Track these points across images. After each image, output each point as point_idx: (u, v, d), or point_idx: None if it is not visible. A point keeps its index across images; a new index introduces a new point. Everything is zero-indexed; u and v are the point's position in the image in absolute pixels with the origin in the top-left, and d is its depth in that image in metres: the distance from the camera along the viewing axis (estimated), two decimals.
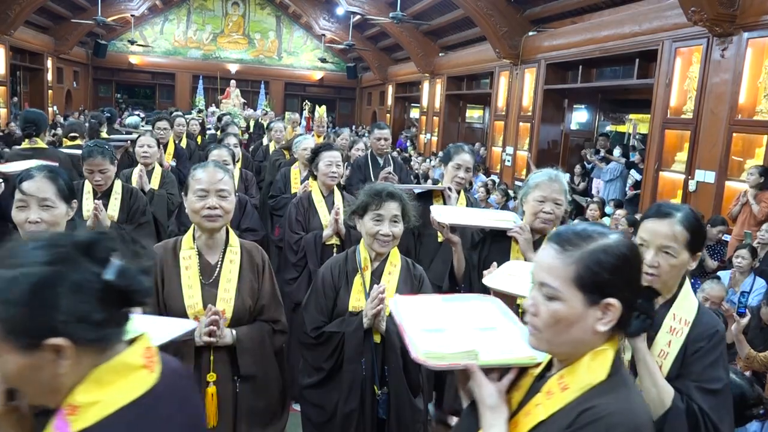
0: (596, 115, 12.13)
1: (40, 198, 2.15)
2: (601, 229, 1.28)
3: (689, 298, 1.83)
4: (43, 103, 16.93)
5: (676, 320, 1.78)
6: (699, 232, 1.82)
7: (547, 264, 1.26)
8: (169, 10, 22.50)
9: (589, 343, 1.23)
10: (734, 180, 6.70)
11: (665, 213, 1.82)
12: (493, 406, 1.28)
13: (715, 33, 6.72)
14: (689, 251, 1.79)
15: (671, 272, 1.79)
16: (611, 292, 1.21)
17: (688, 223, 1.79)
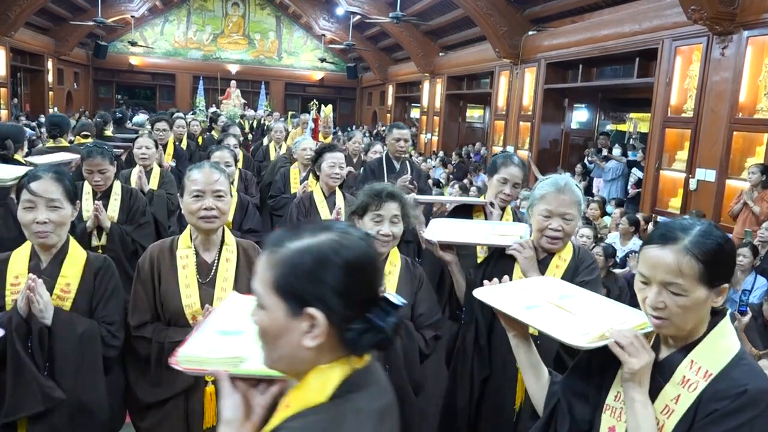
0: (596, 114, 12.13)
1: (48, 198, 2.14)
2: (317, 227, 1.11)
3: (719, 345, 1.40)
4: (43, 104, 16.95)
5: (693, 370, 1.37)
6: (717, 259, 1.36)
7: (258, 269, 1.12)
8: (169, 11, 22.52)
9: (306, 360, 1.08)
10: (735, 178, 6.69)
11: (669, 237, 1.39)
12: (229, 420, 1.18)
13: (715, 31, 6.72)
14: (705, 285, 1.36)
15: (685, 315, 1.37)
16: (310, 300, 1.04)
17: (699, 249, 1.35)
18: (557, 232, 2.33)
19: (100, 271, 2.26)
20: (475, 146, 14.41)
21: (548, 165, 10.98)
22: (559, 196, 2.32)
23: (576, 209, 2.34)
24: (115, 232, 3.46)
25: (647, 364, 1.38)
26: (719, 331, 1.41)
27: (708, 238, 1.37)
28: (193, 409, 2.22)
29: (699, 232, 1.38)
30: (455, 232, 2.64)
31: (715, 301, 1.38)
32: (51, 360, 2.08)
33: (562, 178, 2.39)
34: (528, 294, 1.81)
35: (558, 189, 2.31)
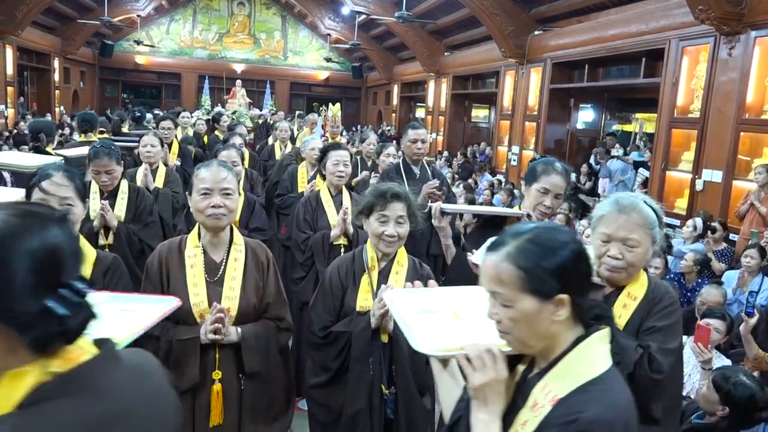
0: (602, 114, 12.10)
1: (60, 197, 2.15)
2: None
3: (575, 367, 1.25)
4: (50, 103, 17.02)
5: (544, 393, 1.26)
6: (542, 266, 1.23)
7: None
8: (175, 10, 22.56)
9: None
10: (742, 179, 6.66)
11: (498, 243, 1.29)
12: None
13: (723, 32, 6.69)
14: (533, 296, 1.23)
15: (519, 328, 1.26)
16: None
17: (521, 255, 1.24)
18: (617, 261, 1.91)
19: (109, 270, 2.27)
20: (480, 146, 14.39)
21: None
22: (619, 217, 1.93)
23: (642, 233, 1.91)
24: (121, 231, 3.47)
25: (491, 382, 1.27)
26: (579, 351, 1.25)
27: (534, 243, 1.25)
28: (199, 407, 2.23)
29: (527, 237, 1.26)
30: None
31: (556, 315, 1.23)
32: None
33: (626, 196, 2.00)
34: (439, 300, 1.70)
35: (619, 209, 1.92)
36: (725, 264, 5.67)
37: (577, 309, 1.26)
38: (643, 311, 1.93)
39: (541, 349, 1.28)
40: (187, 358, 2.20)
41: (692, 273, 5.28)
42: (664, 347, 1.86)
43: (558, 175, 2.66)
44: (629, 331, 1.91)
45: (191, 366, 2.19)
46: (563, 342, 1.27)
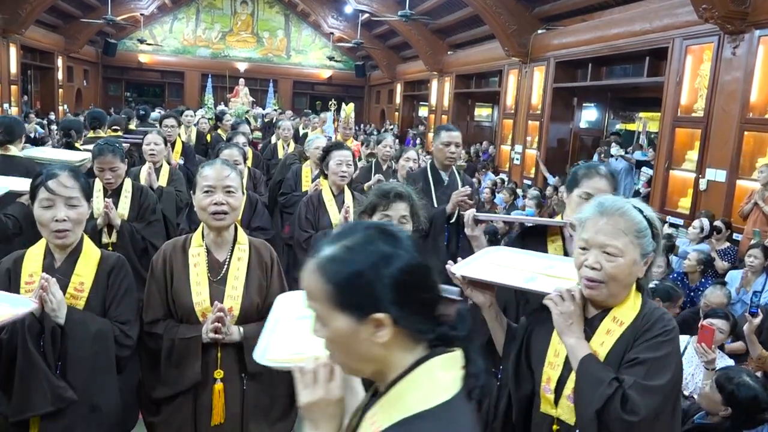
0: (606, 113, 12.07)
1: (66, 197, 2.14)
2: None
3: (405, 397, 1.05)
4: (53, 101, 17.05)
5: (369, 423, 1.08)
6: (354, 279, 1.03)
7: None
8: (179, 8, 22.58)
9: None
10: (745, 179, 6.64)
11: (316, 249, 1.12)
12: None
13: (727, 30, 6.67)
14: (346, 314, 1.04)
15: (338, 352, 1.10)
16: None
17: (335, 265, 1.05)
18: (593, 271, 1.64)
19: (113, 269, 2.27)
20: (483, 145, 14.38)
21: (557, 164, 10.96)
22: (599, 221, 1.66)
23: (625, 241, 1.62)
24: (125, 229, 3.47)
25: (319, 402, 1.13)
26: (412, 378, 1.05)
27: (351, 251, 1.04)
28: (201, 407, 2.24)
29: (345, 244, 1.06)
30: (493, 266, 1.96)
31: (376, 336, 1.04)
32: (63, 359, 2.08)
33: (613, 198, 1.73)
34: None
35: (601, 211, 1.66)
36: (728, 263, 5.66)
37: (408, 329, 1.06)
38: (628, 339, 1.64)
39: (374, 372, 1.10)
40: (189, 357, 2.20)
41: (695, 273, 5.27)
42: (644, 384, 1.56)
43: (602, 179, 2.39)
44: (611, 362, 1.62)
45: (193, 365, 2.20)
46: (396, 366, 1.07)
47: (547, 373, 1.75)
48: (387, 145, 5.62)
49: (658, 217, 1.72)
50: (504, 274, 1.88)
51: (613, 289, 1.65)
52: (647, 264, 1.69)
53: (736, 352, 3.95)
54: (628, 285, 1.68)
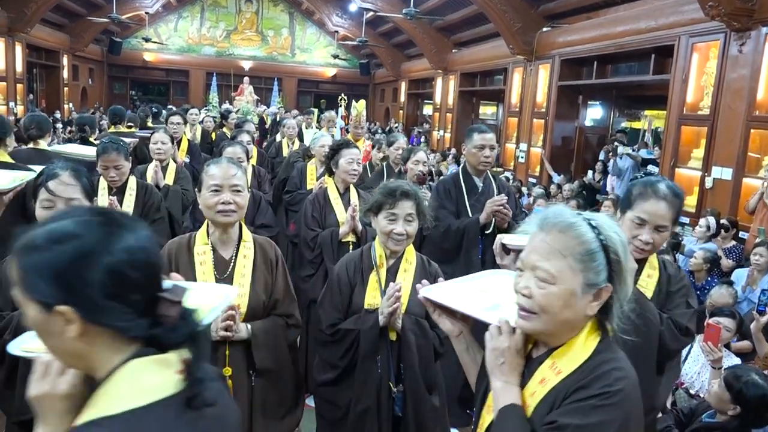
0: (611, 111, 12.03)
1: (66, 198, 2.13)
2: None
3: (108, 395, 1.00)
4: (59, 100, 17.11)
5: None
6: (33, 265, 1.00)
7: None
8: (183, 7, 22.60)
9: None
10: (752, 177, 6.61)
11: None
12: None
13: (733, 28, 6.63)
14: (34, 303, 1.00)
15: (48, 344, 1.06)
16: None
17: (26, 250, 1.02)
18: (524, 299, 1.36)
19: None
20: None
21: (562, 162, 10.94)
22: (536, 237, 1.41)
23: (562, 265, 1.31)
24: None
25: (44, 395, 1.06)
26: (114, 379, 1.00)
27: (44, 237, 0.99)
28: None
29: (49, 228, 1.01)
30: (468, 291, 1.69)
31: (66, 330, 0.98)
32: None
33: (561, 210, 1.45)
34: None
35: (541, 225, 1.38)
36: (734, 261, 5.64)
37: (106, 327, 0.99)
38: (558, 395, 1.30)
39: (86, 369, 1.03)
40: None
41: (702, 271, 5.25)
42: None
43: (660, 201, 2.03)
44: (536, 420, 1.30)
45: None
46: (102, 364, 1.01)
47: (483, 418, 1.46)
48: (400, 148, 5.14)
49: (625, 241, 1.35)
50: (468, 300, 1.60)
51: (547, 323, 1.31)
52: (598, 298, 1.31)
53: (742, 351, 3.93)
54: (569, 322, 1.32)
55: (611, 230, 1.33)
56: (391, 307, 2.33)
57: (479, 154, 3.70)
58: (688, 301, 2.23)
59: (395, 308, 2.34)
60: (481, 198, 3.68)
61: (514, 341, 1.36)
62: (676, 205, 2.05)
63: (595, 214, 1.40)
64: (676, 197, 2.06)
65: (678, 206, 2.06)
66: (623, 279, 1.32)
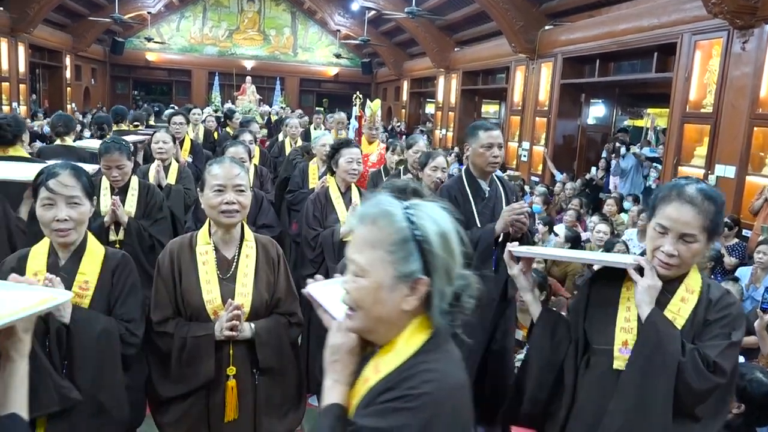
0: (614, 109, 12.02)
1: (67, 196, 2.13)
2: None
3: None
4: (61, 100, 17.13)
5: None
6: None
7: None
8: (185, 7, 22.63)
9: None
10: (755, 175, 6.60)
11: None
12: None
13: (736, 25, 6.61)
14: None
15: None
16: None
17: None
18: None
19: (118, 267, 2.25)
20: None
21: (564, 161, 10.92)
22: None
23: (372, 257, 1.23)
24: (132, 227, 3.47)
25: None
26: None
27: None
28: (214, 404, 2.24)
29: None
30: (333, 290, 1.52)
31: None
32: (69, 359, 2.07)
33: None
34: None
35: (358, 218, 1.32)
36: (737, 259, 5.63)
37: None
38: (374, 394, 1.23)
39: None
40: (202, 355, 2.21)
41: (706, 269, 5.23)
42: None
43: (684, 204, 1.75)
44: None
45: (206, 362, 2.21)
46: None
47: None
48: (419, 151, 4.60)
49: (453, 231, 1.28)
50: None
51: (364, 320, 1.26)
52: (415, 292, 1.22)
53: (748, 346, 3.92)
54: (385, 319, 1.25)
55: (428, 219, 1.26)
56: None
57: (487, 154, 3.23)
58: (731, 333, 1.78)
59: None
60: (489, 204, 3.27)
61: (348, 340, 1.32)
62: (709, 211, 1.73)
63: (420, 202, 1.34)
64: (709, 201, 1.74)
65: (713, 213, 1.73)
66: (441, 271, 1.23)
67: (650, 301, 1.77)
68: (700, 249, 1.76)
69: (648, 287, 1.76)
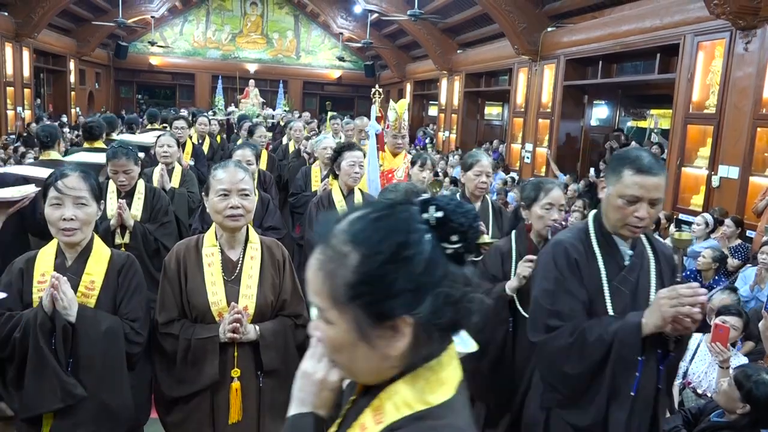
0: (617, 110, 12.01)
1: (75, 196, 2.18)
2: None
3: None
4: (66, 104, 17.20)
5: None
6: None
7: None
8: (189, 11, 22.68)
9: None
10: (759, 175, 6.59)
11: None
12: None
13: (739, 26, 6.61)
14: None
15: None
16: None
17: None
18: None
19: (123, 268, 2.30)
20: (494, 144, 14.35)
21: (568, 162, 10.91)
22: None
23: None
24: (138, 230, 3.50)
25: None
26: None
27: None
28: (218, 405, 2.26)
29: None
30: None
31: None
32: (74, 357, 2.12)
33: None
34: None
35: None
36: (740, 260, 5.62)
37: None
38: None
39: None
40: (207, 357, 2.22)
41: (710, 270, 5.23)
42: None
43: None
44: None
45: (210, 364, 2.22)
46: None
47: None
48: (482, 173, 3.57)
49: None
50: None
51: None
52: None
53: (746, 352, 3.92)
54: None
55: None
56: None
57: (627, 211, 2.01)
58: None
59: None
60: (630, 277, 2.09)
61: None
62: None
63: None
64: None
65: None
66: None
67: None
68: None
69: None
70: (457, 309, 0.92)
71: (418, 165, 4.17)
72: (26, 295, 2.20)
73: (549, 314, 2.08)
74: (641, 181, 1.96)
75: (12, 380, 2.13)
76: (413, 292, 0.88)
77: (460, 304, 0.93)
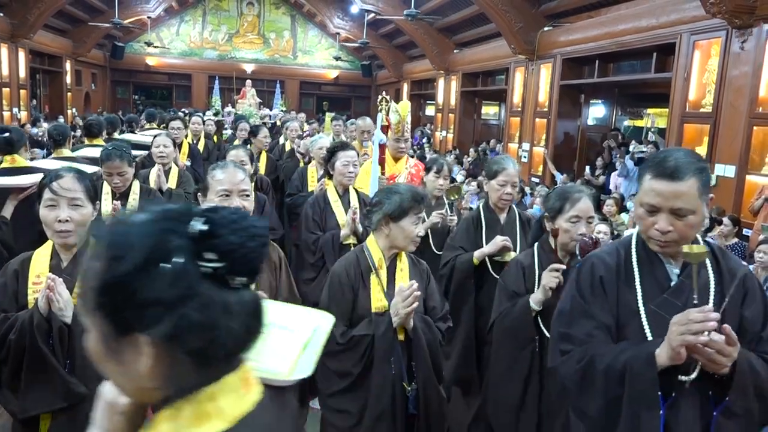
0: (613, 109, 12.03)
1: (69, 198, 2.17)
2: None
3: None
4: (62, 105, 17.17)
5: None
6: None
7: None
8: (185, 11, 22.66)
9: None
10: (755, 174, 6.61)
11: None
12: None
13: (735, 25, 6.63)
14: None
15: None
16: None
17: None
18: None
19: None
20: (491, 143, 14.35)
21: (565, 162, 10.93)
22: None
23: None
24: None
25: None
26: None
27: None
28: None
29: None
30: None
31: None
32: (71, 358, 2.10)
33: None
34: None
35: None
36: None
37: None
38: None
39: None
40: None
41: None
42: None
43: None
44: None
45: None
46: None
47: None
48: (507, 183, 3.34)
49: None
50: None
51: None
52: None
53: None
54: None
55: None
56: (409, 307, 2.36)
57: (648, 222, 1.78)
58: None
59: (414, 308, 2.37)
60: (677, 301, 1.76)
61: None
62: None
63: None
64: None
65: None
66: None
67: None
68: None
69: None
70: (203, 337, 0.81)
71: (433, 171, 3.93)
72: (21, 297, 2.18)
73: (560, 337, 1.87)
74: (658, 188, 1.69)
75: (7, 382, 2.12)
76: (150, 308, 0.79)
77: (210, 332, 0.82)
